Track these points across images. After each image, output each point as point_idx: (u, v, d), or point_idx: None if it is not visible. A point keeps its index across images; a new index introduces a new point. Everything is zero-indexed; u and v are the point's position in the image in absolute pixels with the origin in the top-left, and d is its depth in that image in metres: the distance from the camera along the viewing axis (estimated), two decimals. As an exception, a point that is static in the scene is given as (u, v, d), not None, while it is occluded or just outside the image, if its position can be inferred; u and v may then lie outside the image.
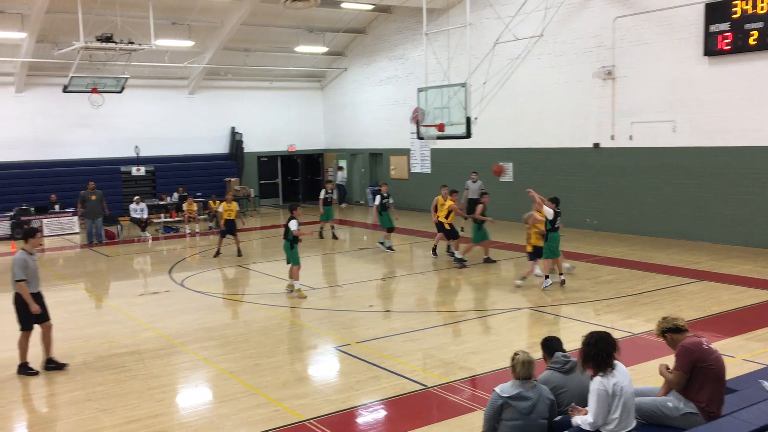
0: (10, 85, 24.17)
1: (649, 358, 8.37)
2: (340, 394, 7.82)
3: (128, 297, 13.26)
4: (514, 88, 20.43)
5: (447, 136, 16.86)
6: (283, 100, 30.22)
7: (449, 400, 7.59)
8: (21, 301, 8.70)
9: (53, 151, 25.18)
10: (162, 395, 7.98)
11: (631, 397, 5.38)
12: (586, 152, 19.60)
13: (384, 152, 27.91)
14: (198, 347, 9.77)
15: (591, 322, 10.36)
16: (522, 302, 11.87)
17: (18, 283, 8.62)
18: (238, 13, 23.40)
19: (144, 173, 26.19)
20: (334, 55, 29.23)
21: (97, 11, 20.70)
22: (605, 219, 19.34)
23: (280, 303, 12.39)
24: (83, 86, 22.49)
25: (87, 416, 7.45)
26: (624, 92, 18.41)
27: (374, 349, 9.41)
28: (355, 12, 25.42)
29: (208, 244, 20.00)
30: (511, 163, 21.95)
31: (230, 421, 7.17)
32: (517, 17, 19.19)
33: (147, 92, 26.56)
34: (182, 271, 15.75)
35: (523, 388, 5.42)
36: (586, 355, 5.46)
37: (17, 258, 8.70)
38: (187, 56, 25.30)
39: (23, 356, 8.85)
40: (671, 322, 5.84)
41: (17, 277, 8.61)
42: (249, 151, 29.27)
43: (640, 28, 17.84)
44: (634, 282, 13.14)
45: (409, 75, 25.64)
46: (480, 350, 9.29)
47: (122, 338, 10.29)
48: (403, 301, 12.48)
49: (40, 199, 23.01)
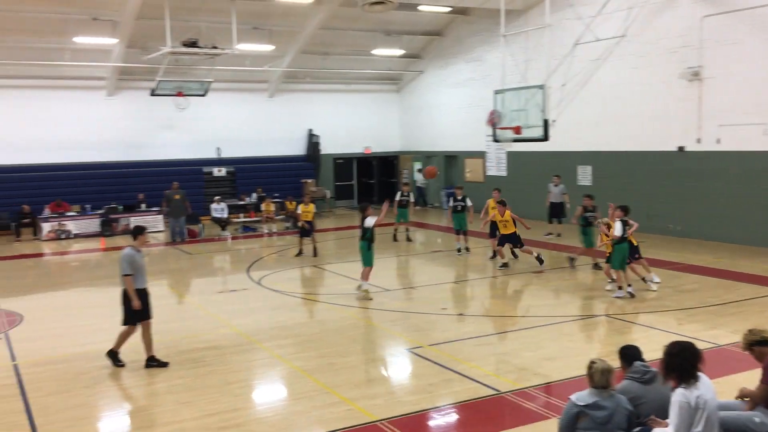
0: (101, 89, 25.36)
1: (735, 371, 8.01)
2: (412, 396, 7.83)
3: (208, 294, 13.68)
4: (594, 90, 19.96)
5: (524, 138, 16.64)
6: (360, 102, 30.53)
7: (523, 406, 7.48)
8: (127, 296, 9.00)
9: (141, 152, 26.26)
10: (239, 390, 8.19)
11: (715, 411, 5.17)
12: (670, 156, 18.94)
13: (459, 155, 27.78)
14: (274, 345, 9.98)
15: (672, 331, 9.99)
16: (599, 309, 11.58)
17: (125, 277, 8.93)
18: (317, 17, 23.80)
19: (225, 174, 26.97)
20: (411, 57, 29.31)
21: (183, 17, 21.52)
22: (689, 225, 18.63)
23: (354, 303, 12.50)
24: (169, 90, 23.39)
25: (167, 408, 7.73)
26: (711, 94, 17.69)
27: (447, 352, 9.38)
28: (432, 14, 25.42)
29: (285, 244, 20.42)
30: (590, 167, 21.46)
31: (304, 418, 7.29)
32: (598, 18, 18.74)
33: (229, 95, 27.35)
34: (260, 269, 16.13)
35: (600, 397, 5.29)
36: (668, 366, 5.26)
37: (125, 254, 9.01)
38: (267, 60, 25.91)
39: (118, 345, 9.14)
40: (758, 335, 5.60)
41: (124, 272, 8.92)
42: (325, 153, 29.69)
43: (730, 27, 17.11)
44: (719, 291, 12.60)
45: (486, 77, 25.42)
46: (555, 357, 9.12)
47: (202, 334, 10.62)
48: (476, 304, 12.38)
49: (128, 198, 24.02)
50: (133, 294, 8.92)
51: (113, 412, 7.82)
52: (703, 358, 5.27)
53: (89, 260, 18.82)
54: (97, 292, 14.19)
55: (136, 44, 23.68)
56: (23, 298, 13.77)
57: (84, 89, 25.05)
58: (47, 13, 21.43)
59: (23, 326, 11.42)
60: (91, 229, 22.69)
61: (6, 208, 23.08)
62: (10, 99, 23.94)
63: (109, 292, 13.98)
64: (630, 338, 9.85)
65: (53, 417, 7.47)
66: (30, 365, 9.27)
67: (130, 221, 22.98)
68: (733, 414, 5.54)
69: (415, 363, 9.14)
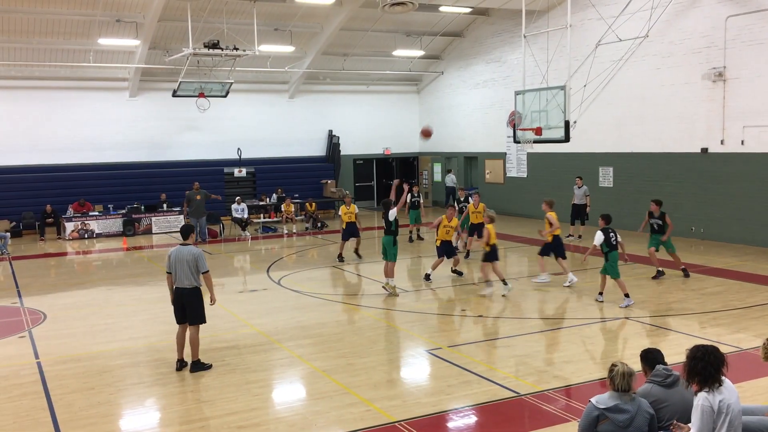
0: (124, 90, 25.64)
1: (758, 376, 7.91)
2: (431, 398, 7.82)
3: (229, 293, 13.76)
4: (616, 91, 19.80)
5: (544, 140, 16.52)
6: (380, 103, 30.55)
7: (542, 408, 7.44)
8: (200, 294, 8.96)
9: (163, 153, 26.50)
10: (259, 390, 8.24)
11: (738, 416, 5.10)
12: (693, 157, 18.73)
13: (479, 156, 27.68)
14: (293, 345, 10.02)
15: (695, 335, 9.89)
16: (620, 312, 11.47)
17: (205, 274, 8.95)
18: (338, 18, 23.86)
19: (245, 174, 27.12)
20: (431, 58, 29.28)
21: (205, 19, 21.69)
22: (712, 227, 18.41)
23: (373, 304, 12.52)
24: (191, 91, 23.57)
25: (188, 407, 7.80)
26: (736, 94, 17.46)
27: (466, 354, 9.36)
28: (452, 15, 25.37)
29: (305, 245, 20.49)
30: (611, 168, 21.29)
31: (323, 418, 7.31)
32: (620, 18, 18.59)
33: (250, 96, 27.52)
34: (279, 270, 16.20)
35: (621, 400, 5.24)
36: (691, 370, 5.19)
37: (200, 251, 9.00)
38: (288, 61, 26.02)
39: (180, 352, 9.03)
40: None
41: (206, 269, 8.96)
42: (345, 154, 29.75)
43: (755, 27, 16.88)
44: (743, 294, 12.43)
45: (506, 78, 25.34)
46: (575, 359, 9.06)
47: (222, 333, 10.69)
48: (495, 306, 12.33)
49: (150, 198, 24.25)
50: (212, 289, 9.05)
51: (135, 409, 7.89)
52: (726, 362, 5.20)
53: (112, 259, 19.03)
54: (119, 291, 14.33)
55: (158, 46, 23.93)
56: (46, 296, 13.95)
57: (107, 90, 25.35)
58: (72, 15, 21.73)
59: (46, 324, 11.58)
60: (113, 229, 22.94)
61: (30, 207, 23.41)
62: (34, 100, 24.27)
63: (131, 291, 14.16)
64: (652, 341, 9.75)
65: (76, 414, 7.56)
66: (53, 363, 9.40)
67: (152, 221, 23.21)
68: (755, 419, 5.47)
69: (434, 364, 9.13)
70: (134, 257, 19.21)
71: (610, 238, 11.90)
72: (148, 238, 22.58)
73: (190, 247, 8.99)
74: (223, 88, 24.11)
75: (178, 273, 8.88)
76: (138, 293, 13.97)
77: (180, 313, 9.00)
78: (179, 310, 8.99)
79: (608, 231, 11.97)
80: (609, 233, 11.93)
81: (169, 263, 8.97)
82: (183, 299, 8.93)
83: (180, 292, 8.92)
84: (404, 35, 26.73)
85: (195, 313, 8.98)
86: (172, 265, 8.92)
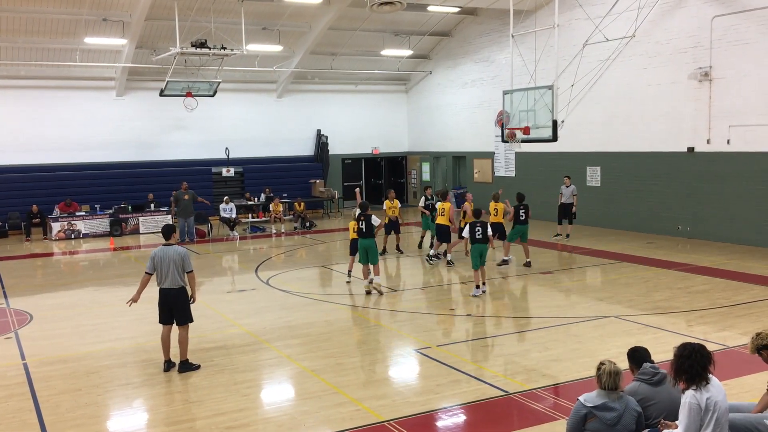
0: (111, 89, 25.48)
1: (744, 373, 7.97)
2: (420, 397, 7.82)
3: (217, 293, 13.72)
4: (603, 91, 19.89)
5: (533, 139, 16.57)
6: (368, 103, 30.55)
7: (531, 407, 7.47)
8: (187, 294, 8.95)
9: (150, 153, 26.37)
10: (247, 390, 8.21)
11: (725, 413, 5.14)
12: (679, 157, 18.85)
13: (468, 155, 27.74)
14: (282, 345, 10.00)
15: (682, 333, 9.95)
16: (607, 310, 11.53)
17: (190, 274, 8.88)
18: (326, 17, 23.83)
19: (233, 174, 27.03)
20: (419, 58, 29.31)
21: (192, 18, 21.59)
22: (699, 226, 18.54)
23: (362, 303, 12.52)
24: (178, 90, 23.49)
25: (176, 407, 7.77)
26: (722, 94, 17.60)
27: (455, 353, 9.37)
28: (440, 15, 25.41)
29: (293, 244, 20.45)
30: (599, 168, 21.39)
31: (312, 418, 7.30)
32: (607, 18, 18.67)
33: (237, 96, 27.44)
34: (268, 269, 16.16)
35: (608, 398, 5.27)
36: (678, 368, 5.22)
37: (185, 251, 8.92)
38: (276, 61, 25.96)
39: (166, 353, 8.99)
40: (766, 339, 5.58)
41: (191, 268, 8.89)
42: (334, 154, 29.73)
43: (740, 27, 17.02)
44: (729, 293, 12.53)
45: (494, 78, 25.40)
46: (563, 358, 9.09)
47: (210, 333, 10.65)
48: (484, 305, 12.37)
49: (138, 198, 24.13)
50: (195, 288, 9.06)
51: (123, 410, 7.84)
52: (713, 359, 5.24)
53: (98, 260, 18.90)
54: (106, 291, 14.25)
55: (145, 45, 23.80)
56: (33, 297, 13.84)
57: (94, 89, 25.19)
58: (58, 14, 21.57)
59: (33, 325, 11.50)
60: (100, 229, 22.80)
61: (16, 207, 23.22)
62: (20, 99, 24.10)
63: (118, 291, 14.06)
64: (639, 339, 9.80)
65: (63, 415, 7.51)
66: (40, 364, 9.33)
67: (139, 221, 23.08)
68: (741, 416, 5.51)
69: (423, 363, 9.14)
70: (121, 257, 19.10)
71: (476, 232, 12.78)
72: (135, 238, 22.46)
73: (176, 247, 8.93)
74: (210, 88, 24.03)
75: (163, 274, 8.79)
76: (125, 294, 13.71)
77: (166, 314, 8.94)
78: (166, 311, 8.92)
79: (475, 225, 12.83)
80: (476, 227, 12.80)
81: (152, 264, 8.83)
82: (170, 300, 8.87)
83: (167, 293, 8.86)
84: (392, 35, 26.73)
85: (183, 314, 8.94)
86: (156, 266, 8.81)
